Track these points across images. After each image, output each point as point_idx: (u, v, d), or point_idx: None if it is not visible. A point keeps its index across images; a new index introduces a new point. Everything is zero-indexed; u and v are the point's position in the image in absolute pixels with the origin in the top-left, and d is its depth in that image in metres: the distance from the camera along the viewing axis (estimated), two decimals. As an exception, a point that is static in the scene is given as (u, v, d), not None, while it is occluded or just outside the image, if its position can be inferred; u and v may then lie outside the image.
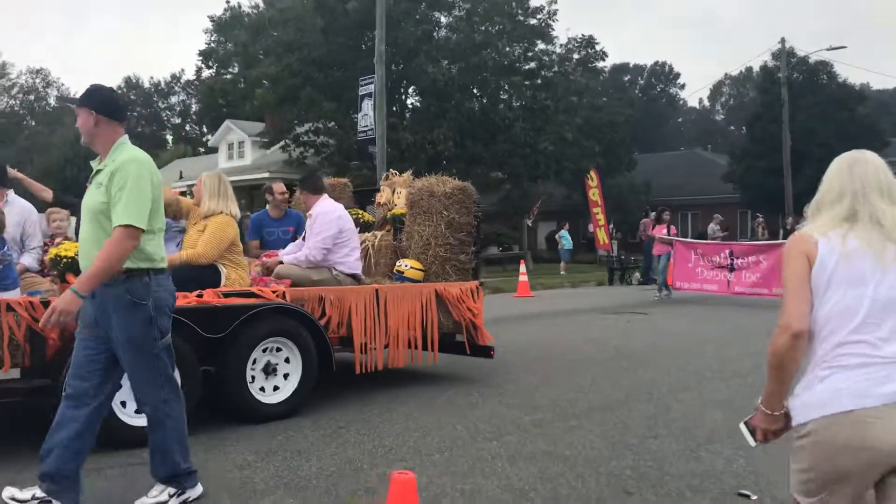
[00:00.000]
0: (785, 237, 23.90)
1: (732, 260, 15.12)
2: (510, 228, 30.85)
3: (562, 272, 24.14)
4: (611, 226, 27.66)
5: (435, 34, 27.25)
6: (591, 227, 31.81)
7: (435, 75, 25.01)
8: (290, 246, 7.33)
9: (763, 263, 14.70)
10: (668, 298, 15.87)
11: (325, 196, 7.20)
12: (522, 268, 18.19)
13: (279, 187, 8.10)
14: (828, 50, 34.56)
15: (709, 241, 17.39)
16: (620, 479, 4.69)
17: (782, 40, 33.48)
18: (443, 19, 29.03)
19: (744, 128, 48.13)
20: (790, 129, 31.29)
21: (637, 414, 6.28)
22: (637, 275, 20.25)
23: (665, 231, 16.65)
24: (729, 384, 7.43)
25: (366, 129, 21.22)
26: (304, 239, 7.07)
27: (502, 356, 8.99)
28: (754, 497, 4.37)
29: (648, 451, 5.23)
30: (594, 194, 27.83)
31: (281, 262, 6.88)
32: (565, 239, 25.74)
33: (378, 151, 19.82)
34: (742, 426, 2.68)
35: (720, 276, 15.24)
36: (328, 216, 6.91)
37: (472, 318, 7.27)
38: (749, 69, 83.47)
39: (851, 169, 2.50)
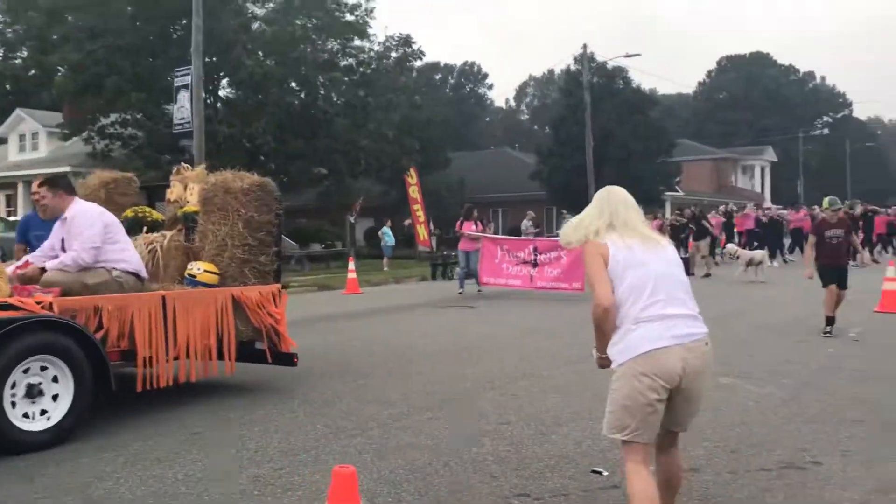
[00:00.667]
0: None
1: (536, 255, 15.58)
2: (332, 225, 30.75)
3: (385, 268, 24.44)
4: (430, 223, 28.31)
5: (251, 26, 26.63)
6: (407, 223, 32.36)
7: (252, 68, 24.46)
8: (41, 250, 6.43)
9: (563, 259, 15.17)
10: (464, 294, 16.02)
11: (77, 198, 6.46)
12: (351, 265, 18.21)
13: (35, 185, 6.66)
14: (624, 57, 37.29)
15: (514, 238, 17.79)
16: (484, 464, 4.98)
17: (584, 46, 35.70)
18: (258, 11, 28.42)
19: (547, 128, 50.81)
20: (591, 130, 33.38)
21: (486, 402, 6.62)
22: (458, 270, 20.83)
23: (473, 228, 16.70)
24: (562, 371, 7.96)
25: (182, 121, 20.40)
26: (63, 249, 6.21)
27: (349, 352, 9.12)
28: (606, 473, 4.79)
29: (504, 437, 5.56)
30: (414, 191, 28.36)
31: (43, 270, 6.04)
32: (388, 235, 26.05)
33: (195, 144, 19.13)
34: (593, 350, 3.76)
35: (524, 272, 15.64)
36: (88, 214, 6.23)
37: (273, 324, 6.80)
38: (551, 72, 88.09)
39: (609, 195, 3.79)
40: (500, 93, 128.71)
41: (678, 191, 44.19)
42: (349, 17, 28.71)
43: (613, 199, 3.75)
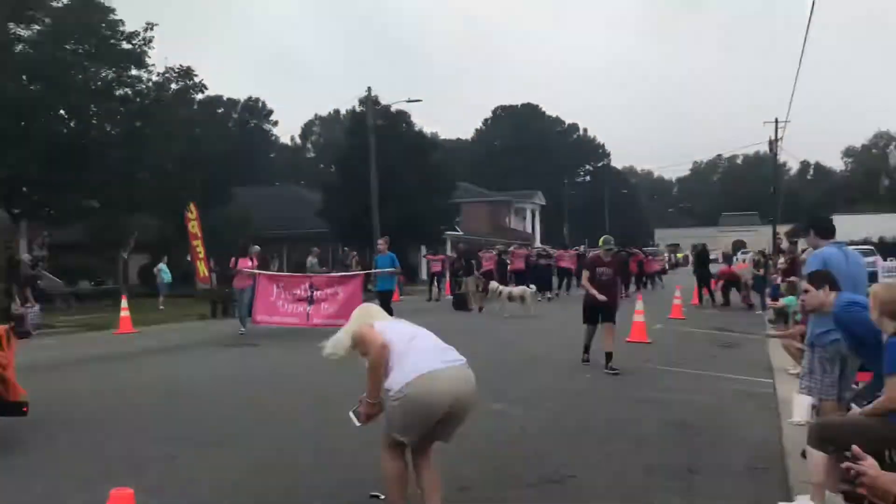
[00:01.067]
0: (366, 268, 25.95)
1: (312, 292, 15.35)
2: (102, 261, 28.93)
3: (160, 306, 23.39)
4: (211, 259, 27.42)
5: (14, 48, 24.72)
6: (188, 259, 31.10)
7: (15, 93, 22.69)
8: None
9: (340, 295, 15.15)
10: (242, 334, 15.35)
11: None
12: (124, 302, 17.27)
13: None
14: (407, 101, 38.59)
15: (290, 274, 17.26)
16: (263, 497, 5.05)
17: (368, 89, 36.60)
18: (22, 32, 26.44)
19: (333, 166, 51.20)
20: (376, 170, 34.14)
21: (268, 438, 6.66)
22: (237, 308, 20.36)
23: (249, 264, 16.10)
24: (348, 403, 8.13)
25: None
26: None
27: (121, 393, 8.73)
28: (382, 497, 5.04)
29: (286, 469, 5.65)
30: (193, 227, 27.27)
31: None
32: (164, 272, 24.98)
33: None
34: (350, 414, 4.40)
35: (300, 309, 15.32)
36: None
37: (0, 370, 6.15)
38: (337, 111, 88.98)
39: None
40: (286, 129, 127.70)
41: (458, 230, 46.14)
42: (126, 46, 27.47)
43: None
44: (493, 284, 21.46)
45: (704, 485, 5.37)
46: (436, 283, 28.16)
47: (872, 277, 18.74)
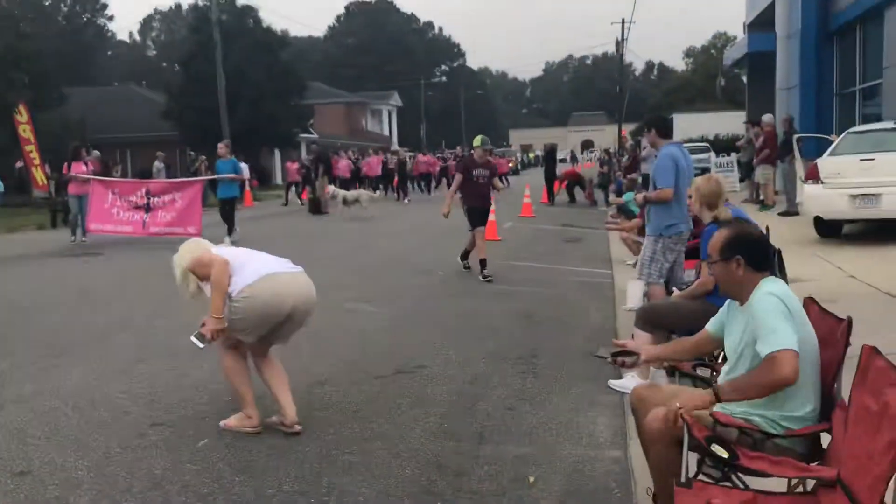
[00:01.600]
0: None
1: (149, 199, 14.76)
2: (-79, 170, 26.46)
3: (-8, 217, 21.83)
4: (46, 165, 25.67)
5: None
6: (19, 165, 29.07)
7: None
8: None
9: (178, 202, 14.68)
10: (82, 242, 14.75)
11: None
12: (-50, 214, 16.04)
13: None
14: (254, -4, 36.78)
15: (125, 180, 16.45)
16: (116, 402, 5.04)
17: (210, -19, 34.48)
18: None
19: (177, 66, 48.45)
20: (223, 69, 32.67)
21: (117, 345, 6.54)
22: (70, 216, 19.29)
23: (84, 169, 15.18)
24: (195, 307, 8.05)
25: None
26: None
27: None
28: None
29: (137, 376, 5.61)
30: (25, 131, 25.35)
31: None
32: (-5, 181, 23.24)
33: None
34: (192, 339, 4.28)
35: (136, 217, 14.74)
36: None
37: None
38: (179, 6, 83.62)
39: None
40: (123, 26, 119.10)
41: (312, 133, 45.22)
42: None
43: None
44: (331, 188, 21.33)
45: (545, 367, 5.77)
46: (294, 190, 27.76)
47: (707, 172, 20.09)
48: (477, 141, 10.43)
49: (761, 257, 3.12)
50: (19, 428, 4.54)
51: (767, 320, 2.87)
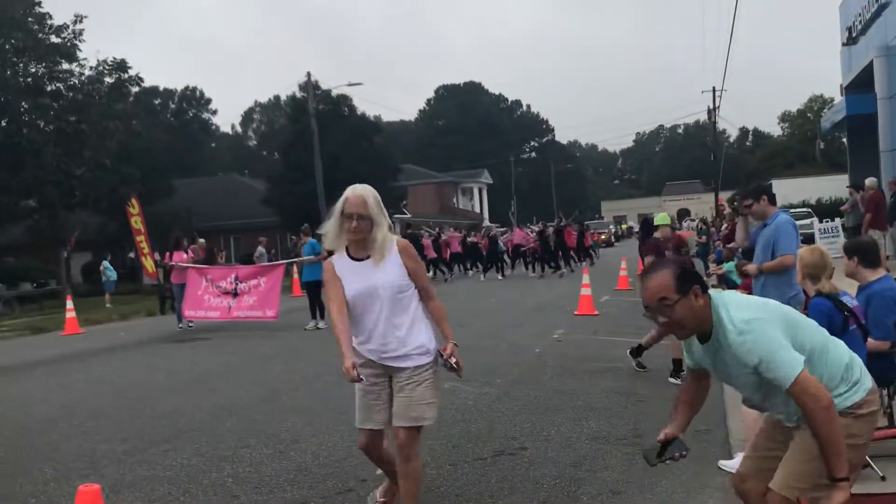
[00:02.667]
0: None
1: (237, 284, 15.04)
2: (43, 262, 28.27)
3: (107, 304, 23.03)
4: (156, 254, 27.00)
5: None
6: (131, 255, 30.71)
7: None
8: None
9: (262, 286, 14.90)
10: (188, 328, 15.37)
11: None
12: (69, 303, 16.97)
13: None
14: (348, 85, 38.37)
15: (218, 267, 16.81)
16: (224, 486, 5.13)
17: (308, 74, 36.23)
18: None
19: (276, 154, 50.60)
20: (320, 156, 33.95)
21: (224, 430, 6.71)
22: (177, 303, 20.08)
23: (185, 257, 15.85)
24: (300, 393, 8.23)
25: None
26: None
27: (73, 394, 8.67)
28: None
29: (243, 459, 5.73)
30: (136, 222, 26.77)
31: None
32: (109, 270, 24.56)
33: None
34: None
35: (223, 303, 15.02)
36: None
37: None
38: (277, 97, 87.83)
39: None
40: (226, 118, 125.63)
41: (406, 213, 46.16)
42: (55, 39, 26.81)
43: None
44: None
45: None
46: None
47: (810, 238, 19.40)
48: (659, 218, 9.37)
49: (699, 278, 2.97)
50: (134, 513, 4.68)
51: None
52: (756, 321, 2.80)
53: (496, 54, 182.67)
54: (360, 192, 3.96)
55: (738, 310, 2.86)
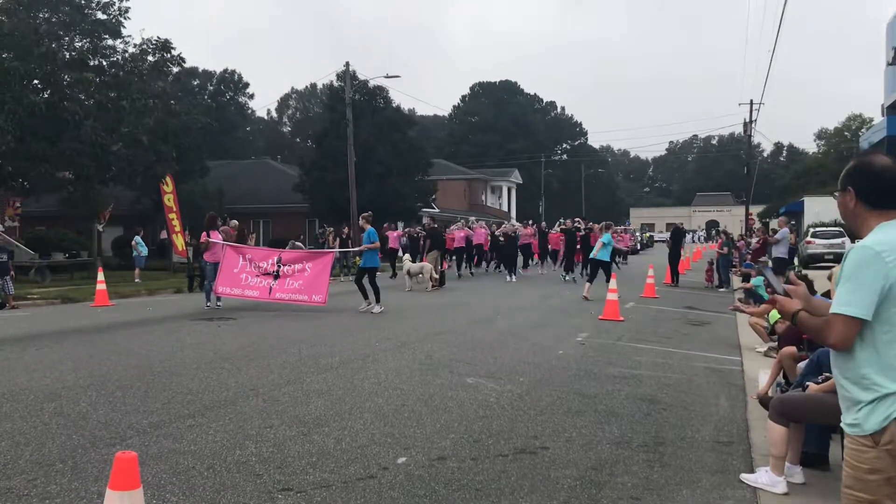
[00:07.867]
0: (342, 245, 26.07)
1: (280, 267, 15.19)
2: (76, 233, 28.65)
3: (137, 279, 23.31)
4: (186, 232, 27.33)
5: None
6: (163, 234, 31.11)
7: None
8: None
9: (308, 272, 15.06)
10: (216, 307, 15.45)
11: None
12: (101, 275, 17.21)
13: None
14: (385, 77, 38.50)
15: (259, 247, 16.94)
16: (247, 464, 5.20)
17: (346, 64, 36.39)
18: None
19: (310, 141, 50.83)
20: (353, 146, 34.08)
21: (249, 408, 6.79)
22: (206, 282, 20.29)
23: (220, 237, 16.00)
24: (324, 376, 8.30)
25: None
26: None
27: (103, 364, 8.80)
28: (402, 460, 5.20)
29: (267, 439, 5.80)
30: (169, 200, 27.22)
31: None
32: (141, 245, 24.86)
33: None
34: None
35: (263, 283, 15.13)
36: None
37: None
38: (314, 86, 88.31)
39: None
40: (262, 103, 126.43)
41: (434, 207, 46.22)
42: (101, 16, 27.13)
43: None
44: (406, 260, 22.02)
45: (672, 457, 5.59)
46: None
47: (840, 258, 19.19)
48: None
49: (876, 194, 2.77)
50: (158, 484, 4.75)
51: (843, 274, 2.70)
52: (868, 249, 2.66)
53: (534, 56, 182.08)
54: None
55: (873, 234, 2.74)
